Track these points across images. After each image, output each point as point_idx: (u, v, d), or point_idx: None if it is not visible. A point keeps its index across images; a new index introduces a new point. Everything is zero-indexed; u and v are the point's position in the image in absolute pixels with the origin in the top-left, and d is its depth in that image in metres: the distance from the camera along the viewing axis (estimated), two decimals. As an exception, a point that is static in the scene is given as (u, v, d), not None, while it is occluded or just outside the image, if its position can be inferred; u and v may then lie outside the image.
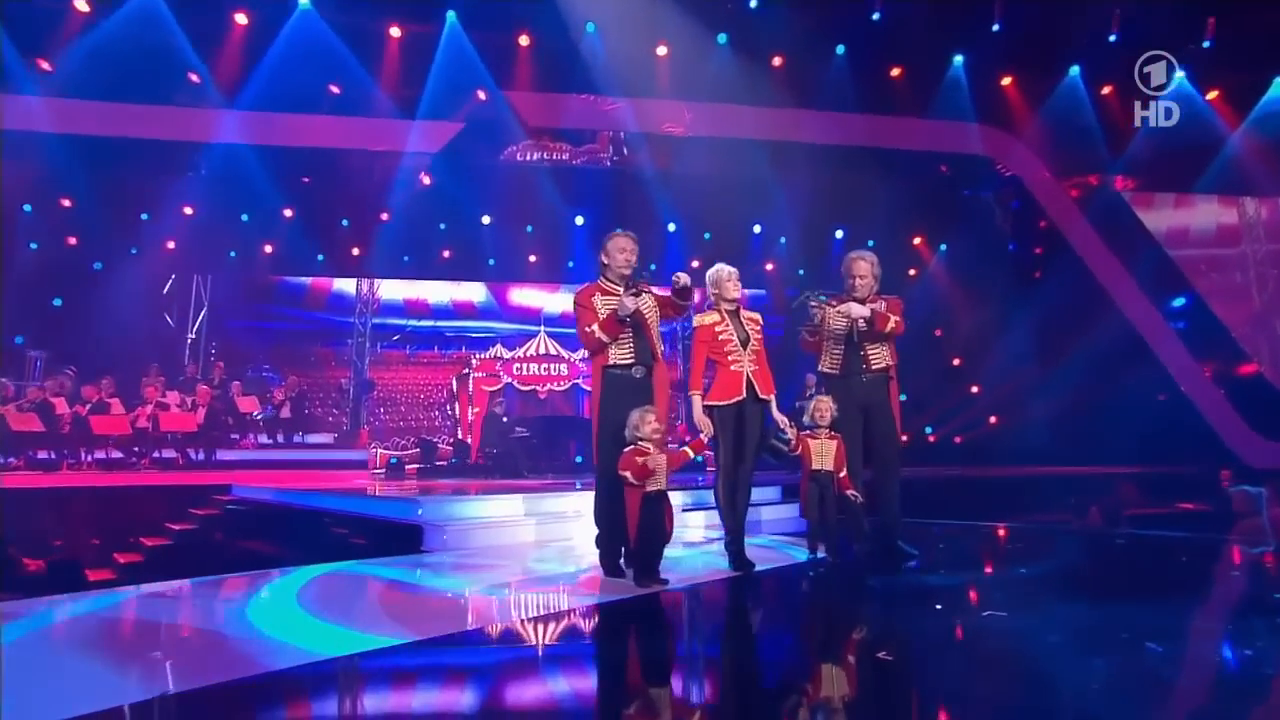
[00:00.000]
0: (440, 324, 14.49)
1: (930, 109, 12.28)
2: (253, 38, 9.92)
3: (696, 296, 4.64)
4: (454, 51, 10.48)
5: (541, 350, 14.67)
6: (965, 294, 14.51)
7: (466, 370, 14.16)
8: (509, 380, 14.27)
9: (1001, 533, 6.31)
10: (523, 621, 3.28)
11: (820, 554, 4.57)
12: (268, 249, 13.04)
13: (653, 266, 4.71)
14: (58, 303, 12.40)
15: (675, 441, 8.99)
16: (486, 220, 13.42)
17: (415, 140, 11.19)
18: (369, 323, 14.13)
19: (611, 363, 4.24)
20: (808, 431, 4.62)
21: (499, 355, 14.45)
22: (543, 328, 14.53)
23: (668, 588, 3.83)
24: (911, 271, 15.17)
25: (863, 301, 4.81)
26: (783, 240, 14.74)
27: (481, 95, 11.24)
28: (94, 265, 12.50)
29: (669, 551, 4.08)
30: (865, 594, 4.12)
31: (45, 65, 9.83)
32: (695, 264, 15.30)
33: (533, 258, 14.44)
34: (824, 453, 4.55)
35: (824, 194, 13.40)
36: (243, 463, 9.56)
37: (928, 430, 14.76)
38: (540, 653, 2.87)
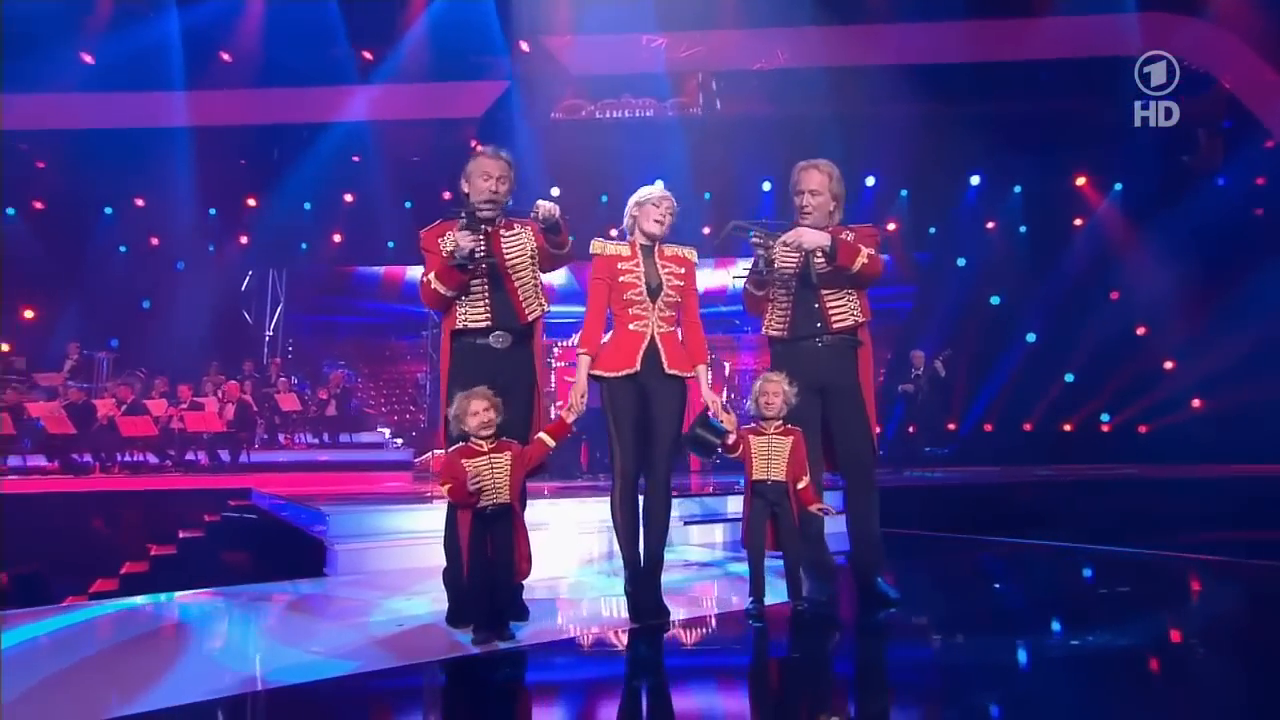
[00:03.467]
0: (520, 310, 13.94)
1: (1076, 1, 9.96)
2: (273, 10, 9.71)
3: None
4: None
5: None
6: (1151, 245, 11.84)
7: (547, 359, 13.57)
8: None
9: (1144, 565, 4.54)
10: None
11: (788, 599, 3.23)
12: (336, 238, 13.04)
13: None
14: (146, 305, 13.10)
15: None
16: (556, 192, 12.61)
17: (455, 105, 10.58)
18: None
19: (460, 326, 3.19)
20: (751, 425, 3.29)
21: (582, 342, 13.75)
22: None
23: (502, 647, 2.74)
24: (1077, 221, 12.69)
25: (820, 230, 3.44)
26: (904, 193, 12.79)
27: (524, 47, 10.42)
28: (177, 265, 13.07)
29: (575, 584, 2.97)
30: (798, 682, 2.77)
31: (88, 59, 10.19)
32: (800, 227, 13.72)
33: (614, 231, 13.44)
34: (772, 455, 3.23)
35: (951, 130, 11.40)
36: (277, 465, 9.41)
37: (1104, 418, 12.28)
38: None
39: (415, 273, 13.96)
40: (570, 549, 4.82)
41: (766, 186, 12.67)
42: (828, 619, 3.26)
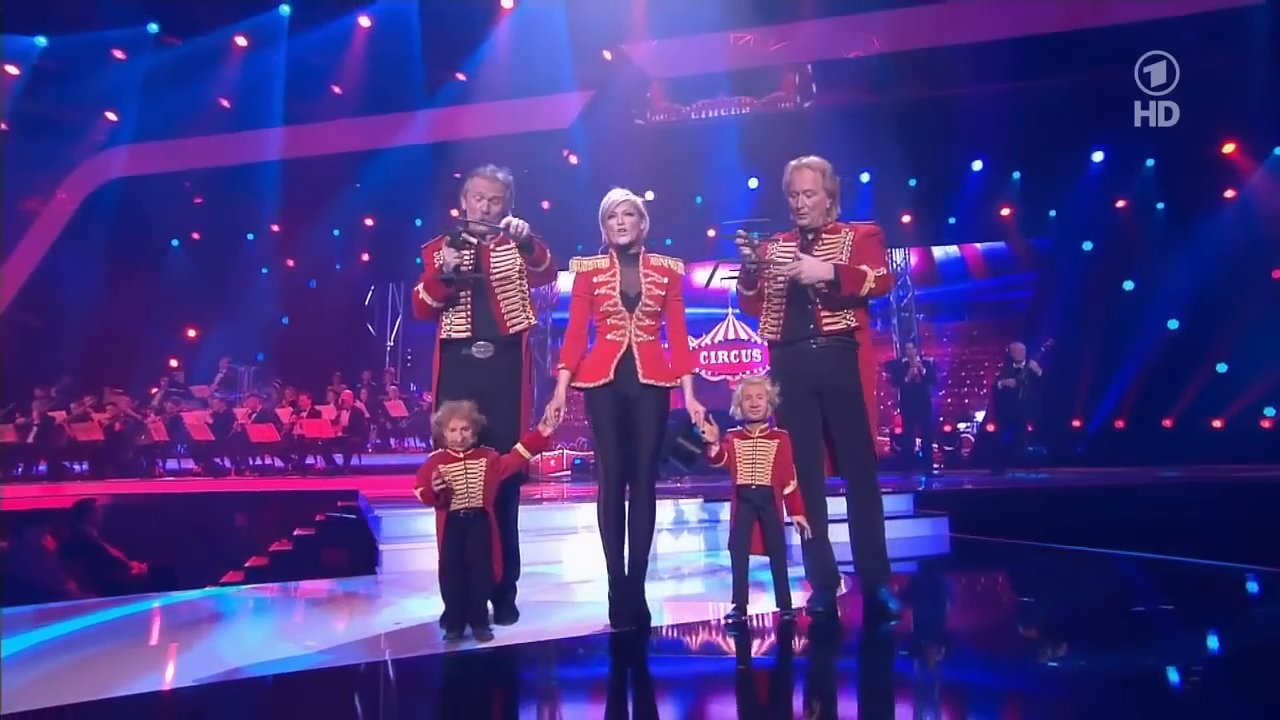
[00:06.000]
0: (621, 313, 14.15)
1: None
2: (377, 39, 10.41)
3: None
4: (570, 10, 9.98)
5: (730, 335, 13.77)
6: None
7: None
8: (696, 370, 13.54)
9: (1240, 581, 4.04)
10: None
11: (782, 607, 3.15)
12: (448, 252, 13.73)
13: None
14: (285, 320, 14.36)
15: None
16: (650, 195, 12.67)
17: (544, 117, 10.92)
18: (549, 318, 14.24)
19: (445, 335, 3.34)
20: (737, 429, 3.23)
21: (684, 343, 13.83)
22: (731, 310, 13.53)
23: (469, 648, 2.84)
24: (1228, 193, 11.34)
25: (815, 232, 3.33)
26: (1016, 176, 11.93)
27: (607, 55, 10.59)
28: (309, 283, 14.25)
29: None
30: (750, 695, 2.68)
31: (226, 104, 11.37)
32: (906, 218, 13.16)
33: (711, 232, 13.46)
34: (757, 459, 3.15)
35: (1067, 104, 10.53)
36: (385, 467, 10.04)
37: (1267, 412, 10.92)
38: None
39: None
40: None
41: (865, 178, 12.21)
42: (812, 629, 3.13)
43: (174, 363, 13.53)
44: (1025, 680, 2.58)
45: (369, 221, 13.27)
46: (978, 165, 11.81)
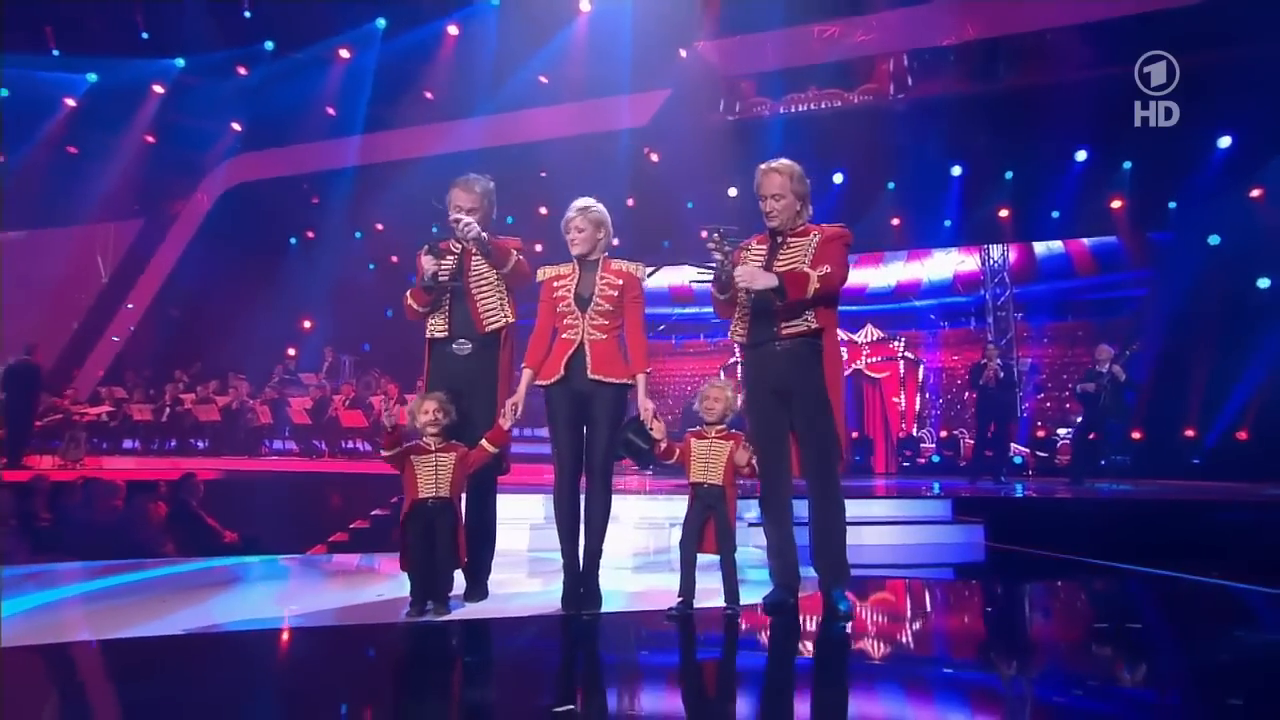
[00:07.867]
0: (706, 310, 14.19)
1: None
2: (464, 45, 10.98)
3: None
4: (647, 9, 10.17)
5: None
6: None
7: (734, 359, 13.78)
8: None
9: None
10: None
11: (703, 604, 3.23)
12: (538, 248, 14.21)
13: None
14: (389, 314, 15.31)
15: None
16: (733, 193, 12.70)
17: (624, 116, 11.16)
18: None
19: (428, 335, 3.65)
20: (696, 429, 3.33)
21: (768, 340, 13.79)
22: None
23: (425, 620, 3.10)
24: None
25: (783, 235, 3.33)
26: (1127, 165, 11.09)
27: (683, 54, 10.69)
28: (410, 278, 15.11)
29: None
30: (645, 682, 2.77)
31: (331, 111, 12.29)
32: (1004, 213, 12.46)
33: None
34: (710, 458, 3.23)
35: (1185, 87, 9.65)
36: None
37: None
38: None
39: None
40: (624, 542, 5.02)
41: (956, 171, 11.71)
42: (749, 625, 3.18)
43: (291, 351, 14.71)
44: (941, 696, 2.55)
45: (463, 220, 13.95)
46: (1081, 155, 11.08)
